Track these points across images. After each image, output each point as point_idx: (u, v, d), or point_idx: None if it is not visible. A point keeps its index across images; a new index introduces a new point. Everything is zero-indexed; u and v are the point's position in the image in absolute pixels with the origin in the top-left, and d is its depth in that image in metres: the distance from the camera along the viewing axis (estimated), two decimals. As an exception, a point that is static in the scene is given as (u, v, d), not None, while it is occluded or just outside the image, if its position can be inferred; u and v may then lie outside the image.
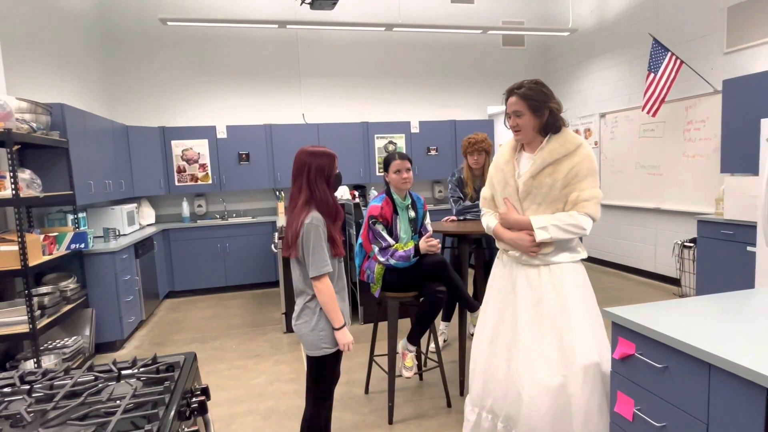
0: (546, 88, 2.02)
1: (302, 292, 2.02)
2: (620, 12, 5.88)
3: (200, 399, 1.29)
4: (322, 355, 2.00)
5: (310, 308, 2.00)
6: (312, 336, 1.98)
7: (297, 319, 2.03)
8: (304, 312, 2.01)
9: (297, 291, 2.04)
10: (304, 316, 2.00)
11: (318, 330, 1.98)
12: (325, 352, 1.99)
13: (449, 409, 2.87)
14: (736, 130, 4.07)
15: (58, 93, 4.45)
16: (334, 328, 1.98)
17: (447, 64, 7.08)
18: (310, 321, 1.98)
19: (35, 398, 1.20)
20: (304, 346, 2.02)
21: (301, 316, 2.02)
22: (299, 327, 2.02)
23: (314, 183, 1.96)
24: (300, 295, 2.03)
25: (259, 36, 6.36)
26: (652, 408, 1.51)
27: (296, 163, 1.99)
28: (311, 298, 2.00)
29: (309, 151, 1.99)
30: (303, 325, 2.00)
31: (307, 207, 1.95)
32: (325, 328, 1.98)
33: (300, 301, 2.03)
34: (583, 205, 1.96)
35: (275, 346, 4.07)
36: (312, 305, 2.00)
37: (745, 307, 1.64)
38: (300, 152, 2.00)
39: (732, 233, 3.93)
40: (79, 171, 3.98)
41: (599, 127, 6.30)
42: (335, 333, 1.98)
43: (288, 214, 2.02)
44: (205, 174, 6.01)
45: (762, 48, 4.25)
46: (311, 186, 1.96)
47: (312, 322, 1.98)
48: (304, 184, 1.96)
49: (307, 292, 2.00)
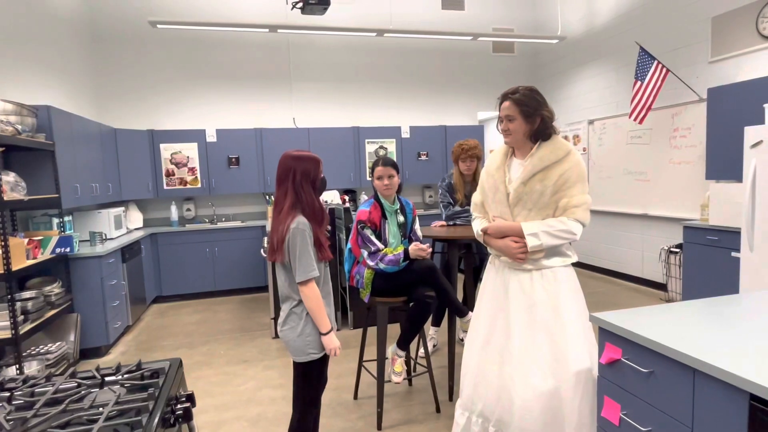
0: (540, 95, 2.05)
1: (288, 298, 2.00)
2: (608, 21, 5.97)
3: (185, 405, 1.27)
4: (309, 360, 1.98)
5: (296, 314, 1.98)
6: (299, 342, 1.96)
7: (283, 325, 2.00)
8: (290, 318, 1.99)
9: (282, 296, 2.02)
10: (290, 322, 1.98)
11: (305, 335, 1.96)
12: (312, 357, 1.97)
13: (438, 415, 2.86)
14: (721, 137, 4.14)
15: (45, 95, 4.40)
16: (321, 333, 1.96)
17: (438, 69, 7.12)
18: (297, 327, 1.97)
19: (15, 406, 1.18)
20: (291, 352, 1.99)
21: (287, 322, 1.99)
22: (285, 333, 1.99)
23: (300, 187, 1.95)
24: (286, 301, 2.01)
25: (249, 40, 6.34)
26: (638, 412, 1.52)
27: (281, 167, 1.98)
28: (297, 304, 1.98)
29: (294, 156, 1.98)
30: (289, 331, 1.98)
31: (292, 211, 1.93)
32: (312, 333, 1.97)
33: (286, 307, 2.01)
34: (573, 210, 1.99)
35: (264, 351, 4.03)
36: (298, 311, 1.98)
37: (729, 312, 1.66)
38: (285, 156, 1.99)
39: (717, 239, 3.99)
40: (65, 174, 3.92)
41: (588, 133, 6.37)
42: (322, 338, 1.97)
43: (273, 218, 2.00)
44: (194, 178, 5.96)
45: (745, 57, 4.33)
46: (297, 190, 1.95)
47: (298, 327, 1.96)
48: (290, 189, 1.95)
49: (293, 298, 1.99)
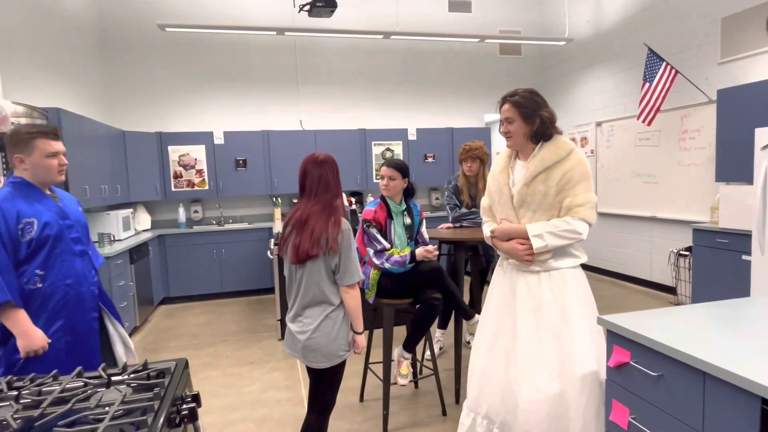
0: (539, 96, 2.05)
1: (322, 302, 1.92)
2: (616, 22, 5.93)
3: (191, 406, 1.27)
4: (339, 363, 1.96)
5: (332, 318, 1.93)
6: (332, 346, 1.92)
7: (314, 331, 1.90)
8: (324, 323, 1.91)
9: (314, 300, 1.92)
10: (324, 328, 1.91)
11: (339, 339, 1.94)
12: (342, 358, 1.97)
13: (444, 418, 2.85)
14: (731, 139, 4.09)
15: (55, 97, 4.44)
16: (357, 333, 2.01)
17: (444, 71, 7.11)
18: (331, 331, 1.92)
19: (22, 404, 1.18)
20: (317, 358, 1.91)
21: (320, 328, 1.91)
22: (316, 339, 1.90)
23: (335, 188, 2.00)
24: (318, 305, 1.93)
25: (257, 42, 6.38)
26: (647, 417, 1.50)
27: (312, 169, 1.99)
28: (335, 309, 1.93)
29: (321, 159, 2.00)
30: (321, 337, 1.90)
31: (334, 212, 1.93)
32: (345, 335, 1.97)
33: (317, 312, 1.92)
34: (577, 210, 1.97)
35: (270, 353, 4.04)
36: (334, 315, 1.93)
37: (740, 315, 1.64)
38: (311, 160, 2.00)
39: (727, 242, 3.94)
40: (74, 176, 3.96)
41: (595, 135, 6.33)
42: (357, 337, 2.01)
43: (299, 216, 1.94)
44: (201, 180, 6.00)
45: (755, 58, 4.29)
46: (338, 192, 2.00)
47: (333, 332, 1.92)
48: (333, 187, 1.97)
49: (329, 302, 1.93)
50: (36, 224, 1.87)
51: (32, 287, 1.88)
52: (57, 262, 1.93)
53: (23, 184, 1.93)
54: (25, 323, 1.81)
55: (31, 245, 1.86)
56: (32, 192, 1.94)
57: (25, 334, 1.80)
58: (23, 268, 1.87)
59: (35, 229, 1.87)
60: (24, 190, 1.92)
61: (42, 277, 1.89)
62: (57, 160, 1.97)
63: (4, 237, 1.81)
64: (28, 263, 1.87)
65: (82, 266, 2.02)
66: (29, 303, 1.87)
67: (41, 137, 1.93)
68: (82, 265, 2.01)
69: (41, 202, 1.95)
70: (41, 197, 1.96)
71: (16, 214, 1.84)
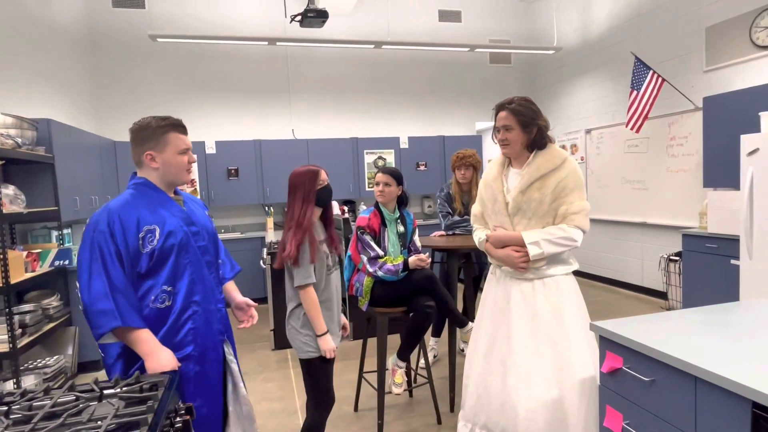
0: (535, 105, 2.08)
1: (290, 299, 2.17)
2: (603, 31, 6.03)
3: (185, 418, 1.27)
4: (308, 358, 2.11)
5: (295, 314, 2.14)
6: (297, 340, 2.12)
7: (287, 324, 2.18)
8: (291, 317, 2.16)
9: (287, 297, 2.20)
10: (292, 321, 2.15)
11: (303, 335, 2.11)
12: (310, 355, 2.11)
13: (439, 426, 2.84)
14: (717, 145, 4.16)
15: (46, 108, 4.42)
16: (316, 335, 2.08)
17: (435, 80, 7.17)
18: (295, 326, 2.13)
19: (13, 420, 1.17)
20: (294, 348, 2.15)
21: (289, 321, 2.17)
22: (289, 331, 2.17)
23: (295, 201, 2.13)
24: (289, 301, 2.18)
25: (249, 52, 6.39)
26: (641, 422, 1.51)
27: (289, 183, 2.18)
28: (295, 307, 2.13)
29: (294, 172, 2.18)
30: (289, 330, 2.16)
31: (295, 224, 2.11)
32: (309, 333, 2.11)
33: (289, 307, 2.18)
34: (572, 217, 1.99)
35: (263, 363, 4.01)
36: (297, 311, 2.13)
37: (730, 320, 1.66)
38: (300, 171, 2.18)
39: (716, 246, 3.99)
40: (64, 187, 3.93)
41: (585, 143, 6.40)
42: (317, 339, 2.09)
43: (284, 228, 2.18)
44: (193, 189, 5.97)
45: (739, 67, 4.38)
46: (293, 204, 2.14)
47: (297, 327, 2.13)
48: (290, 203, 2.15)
49: (294, 299, 2.14)
50: (158, 232, 1.60)
51: (160, 305, 1.61)
52: (185, 275, 1.65)
53: (146, 186, 1.68)
54: (151, 342, 1.55)
55: (153, 257, 1.59)
56: (157, 195, 1.67)
57: (152, 354, 1.53)
58: (148, 284, 1.60)
59: (157, 238, 1.60)
60: (147, 194, 1.66)
61: (170, 294, 1.62)
62: (187, 156, 1.72)
63: (122, 252, 1.56)
64: (152, 278, 1.60)
65: (210, 280, 1.74)
66: (157, 325, 1.60)
67: (173, 130, 1.70)
68: (209, 279, 1.74)
69: (165, 206, 1.67)
70: (165, 201, 1.68)
71: (136, 222, 1.58)
